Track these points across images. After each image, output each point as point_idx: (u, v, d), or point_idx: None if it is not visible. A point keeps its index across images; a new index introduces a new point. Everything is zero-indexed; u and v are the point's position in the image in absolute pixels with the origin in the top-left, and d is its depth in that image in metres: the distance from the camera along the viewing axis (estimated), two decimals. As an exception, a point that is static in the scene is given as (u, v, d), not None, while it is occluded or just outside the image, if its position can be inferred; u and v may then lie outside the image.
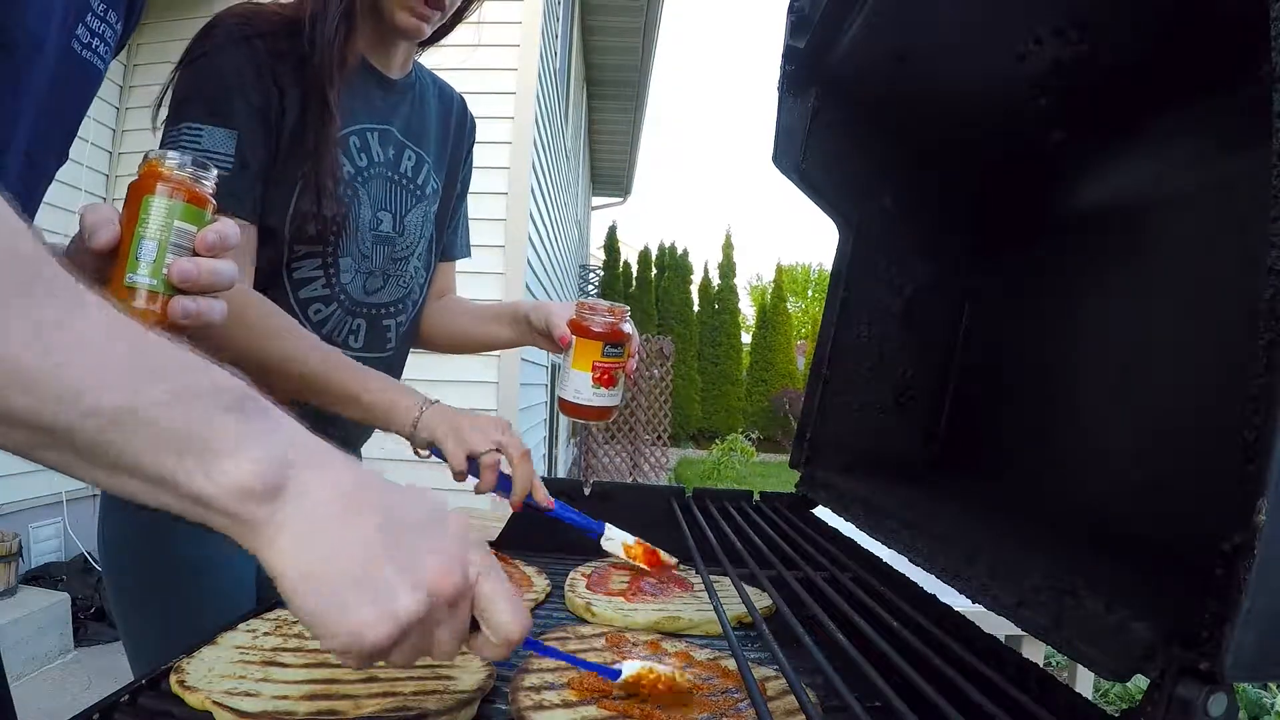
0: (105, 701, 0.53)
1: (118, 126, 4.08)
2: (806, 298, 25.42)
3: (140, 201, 0.55)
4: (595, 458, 8.86)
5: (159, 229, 0.55)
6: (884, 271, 1.08)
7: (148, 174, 0.56)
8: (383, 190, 1.00)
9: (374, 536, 0.41)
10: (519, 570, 0.94)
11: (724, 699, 0.61)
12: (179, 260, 0.55)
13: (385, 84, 1.00)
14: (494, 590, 0.45)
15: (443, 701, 0.55)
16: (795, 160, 1.03)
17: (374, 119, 0.99)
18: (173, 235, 0.55)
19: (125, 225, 0.55)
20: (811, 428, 1.10)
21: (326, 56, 0.88)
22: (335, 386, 0.88)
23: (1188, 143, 0.72)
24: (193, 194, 0.56)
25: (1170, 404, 0.69)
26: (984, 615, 0.62)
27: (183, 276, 0.56)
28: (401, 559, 0.41)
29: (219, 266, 0.57)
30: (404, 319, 1.08)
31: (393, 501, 0.43)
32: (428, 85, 1.09)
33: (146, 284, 0.55)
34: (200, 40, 0.88)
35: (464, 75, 4.62)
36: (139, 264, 0.54)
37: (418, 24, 0.93)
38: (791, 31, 0.97)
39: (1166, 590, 0.47)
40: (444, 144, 1.11)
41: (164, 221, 0.55)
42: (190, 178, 0.56)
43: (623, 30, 7.29)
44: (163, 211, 0.55)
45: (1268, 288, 0.37)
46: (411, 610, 0.41)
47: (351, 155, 0.96)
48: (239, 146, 0.85)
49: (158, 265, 0.55)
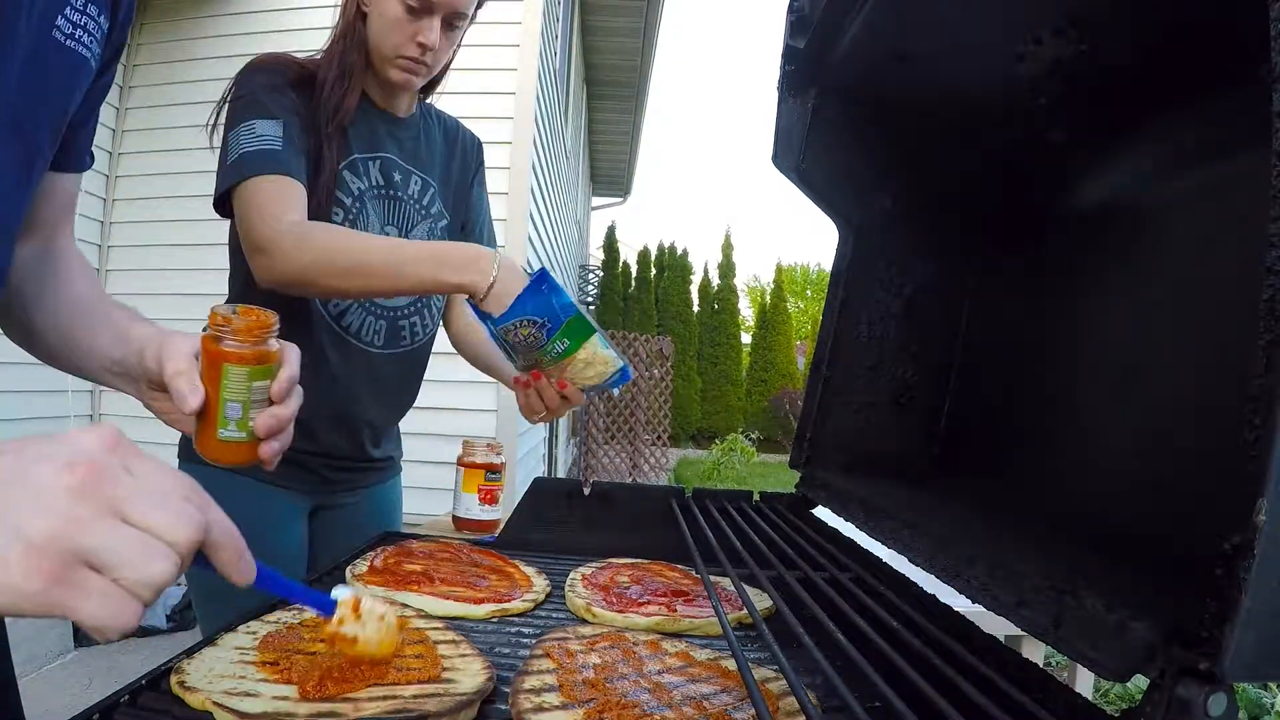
0: (105, 701, 0.53)
1: (117, 126, 4.09)
2: (806, 298, 25.42)
3: (220, 369, 0.64)
4: (595, 458, 8.85)
5: (239, 392, 0.64)
6: (884, 271, 1.08)
7: (215, 350, 0.64)
8: (391, 208, 1.18)
9: None
10: (519, 570, 0.94)
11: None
12: (262, 416, 0.66)
13: (392, 122, 1.20)
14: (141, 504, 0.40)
15: (443, 703, 0.55)
16: (795, 160, 1.03)
17: (376, 149, 1.17)
18: (252, 395, 0.65)
19: (208, 383, 0.64)
20: (811, 428, 1.10)
21: (326, 108, 1.10)
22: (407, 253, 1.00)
23: (1188, 143, 0.72)
24: (260, 356, 0.65)
25: (1170, 404, 0.69)
26: (984, 615, 0.62)
27: (268, 430, 0.66)
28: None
29: (293, 408, 0.68)
30: (417, 320, 1.23)
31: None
32: (432, 121, 1.29)
33: (238, 437, 0.66)
34: (242, 74, 1.09)
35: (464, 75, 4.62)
36: (229, 422, 0.65)
37: (407, 78, 1.13)
38: (791, 31, 0.97)
39: (1166, 590, 0.47)
40: (449, 169, 1.29)
41: (243, 385, 0.64)
42: (255, 347, 0.65)
43: (623, 30, 7.29)
44: (242, 377, 0.64)
45: (1267, 288, 0.37)
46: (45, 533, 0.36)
47: (358, 174, 1.14)
48: (285, 129, 1.04)
49: (244, 420, 0.65)
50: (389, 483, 1.32)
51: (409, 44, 1.10)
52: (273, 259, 0.98)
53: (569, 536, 1.09)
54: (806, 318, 20.42)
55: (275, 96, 1.06)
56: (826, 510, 1.04)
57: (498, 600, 0.82)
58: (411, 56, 1.11)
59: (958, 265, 1.07)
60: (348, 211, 1.12)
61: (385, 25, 1.09)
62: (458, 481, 1.39)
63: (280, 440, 0.67)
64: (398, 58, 1.11)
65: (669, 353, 9.50)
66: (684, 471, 10.16)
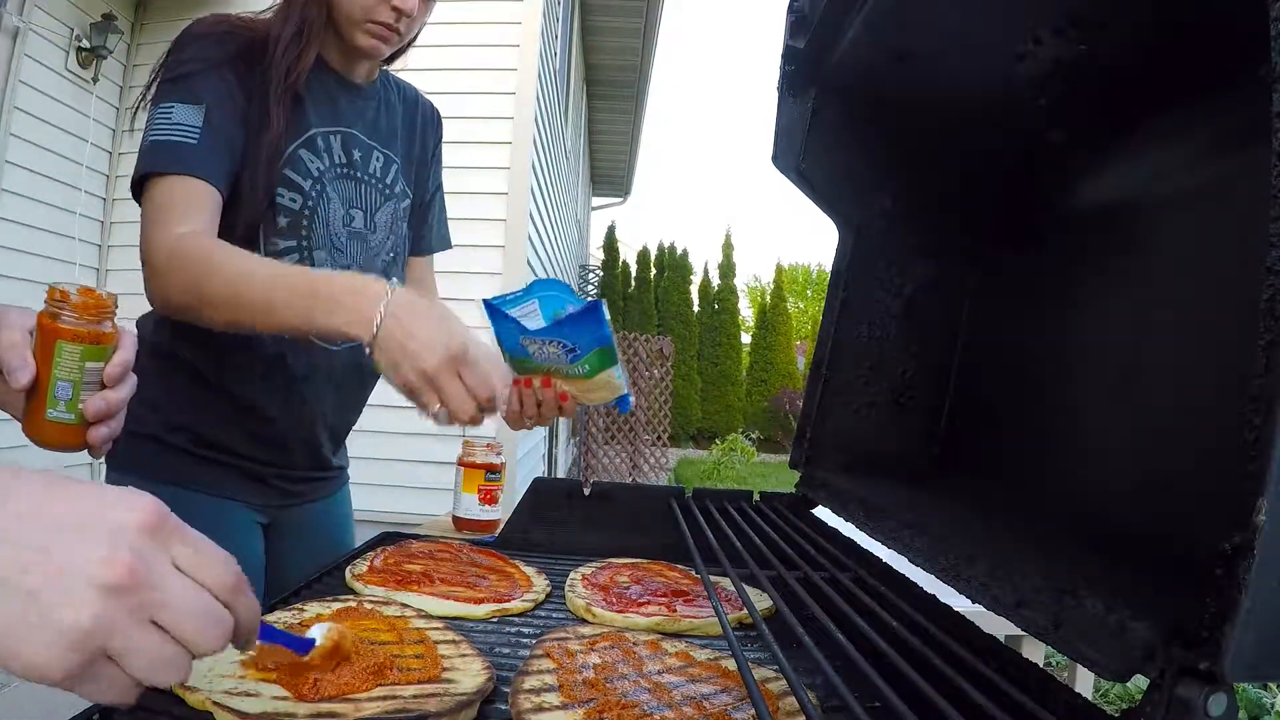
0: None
1: (117, 127, 4.08)
2: (806, 298, 25.42)
3: (53, 346, 0.63)
4: (595, 458, 8.86)
5: (71, 371, 0.63)
6: (884, 271, 1.08)
7: (51, 325, 0.63)
8: (352, 189, 1.07)
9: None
10: (519, 570, 0.94)
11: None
12: (92, 399, 0.65)
13: (350, 88, 1.08)
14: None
15: (443, 704, 0.55)
16: (795, 160, 1.03)
17: (338, 122, 1.06)
18: (84, 375, 0.64)
19: (40, 361, 0.63)
20: (811, 428, 1.10)
21: (275, 71, 0.97)
22: (282, 289, 0.83)
23: (1188, 143, 0.72)
24: (96, 336, 0.64)
25: (1170, 404, 0.69)
26: (984, 615, 0.62)
27: (97, 414, 0.65)
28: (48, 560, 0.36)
29: (125, 395, 0.67)
30: None
31: None
32: (392, 89, 1.16)
33: (66, 418, 0.64)
34: (176, 43, 0.97)
35: (464, 75, 4.60)
36: (58, 402, 0.64)
37: (376, 44, 1.01)
38: (791, 31, 0.97)
39: (1166, 590, 0.47)
40: (411, 144, 1.18)
41: (76, 364, 0.63)
42: (91, 326, 0.64)
43: (623, 30, 7.29)
44: (74, 356, 0.63)
45: (1267, 288, 0.37)
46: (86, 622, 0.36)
47: (318, 153, 1.03)
48: (205, 117, 0.92)
49: (74, 402, 0.64)
50: (341, 492, 1.26)
51: (382, 7, 0.98)
52: (154, 276, 0.88)
53: (569, 536, 1.09)
54: (806, 318, 20.42)
55: (207, 75, 0.93)
56: (826, 510, 1.04)
57: (498, 600, 0.82)
58: (384, 22, 0.99)
59: (958, 265, 1.07)
60: (306, 197, 1.01)
61: None
62: (458, 481, 1.39)
63: (109, 427, 0.66)
64: (368, 21, 0.99)
65: (669, 353, 9.50)
66: (684, 471, 10.17)
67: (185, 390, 1.03)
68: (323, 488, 1.21)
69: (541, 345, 0.87)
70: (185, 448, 1.03)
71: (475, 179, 3.80)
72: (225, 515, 1.06)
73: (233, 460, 1.06)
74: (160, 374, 1.01)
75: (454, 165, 1.49)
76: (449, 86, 3.51)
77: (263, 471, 1.09)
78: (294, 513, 1.16)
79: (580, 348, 0.86)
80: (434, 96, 1.28)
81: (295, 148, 1.01)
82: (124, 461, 1.01)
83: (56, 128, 3.64)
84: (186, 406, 1.03)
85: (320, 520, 1.21)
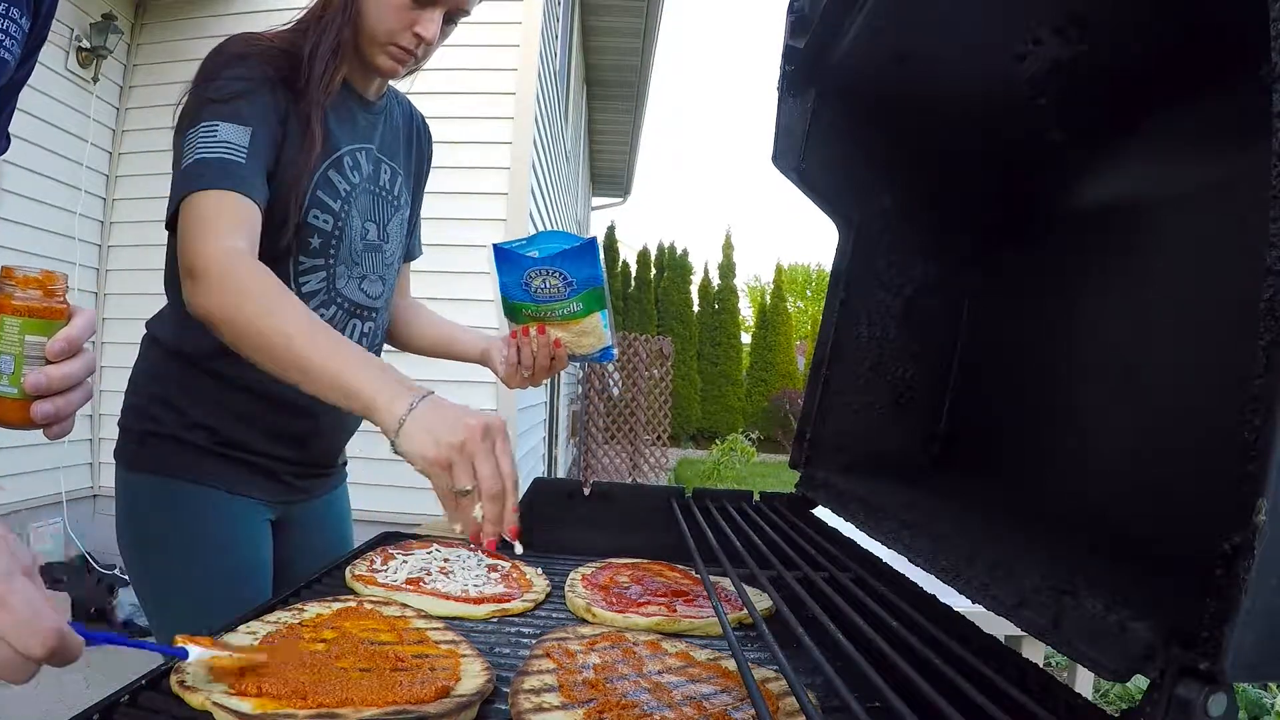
0: (105, 701, 0.53)
1: (117, 127, 4.08)
2: (806, 298, 25.42)
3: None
4: (595, 458, 8.85)
5: (12, 344, 0.62)
6: (884, 271, 1.08)
7: (2, 296, 0.62)
8: (369, 203, 1.11)
9: None
10: (519, 570, 0.94)
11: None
12: (31, 373, 0.63)
13: (365, 105, 1.12)
14: None
15: (443, 704, 0.55)
16: (795, 160, 1.03)
17: (360, 139, 1.10)
18: (26, 349, 0.63)
19: None
20: (811, 428, 1.10)
21: (316, 89, 0.99)
22: (315, 361, 0.80)
23: (1188, 143, 0.72)
24: (43, 310, 0.63)
25: (1170, 404, 0.69)
26: (984, 615, 0.62)
27: (35, 389, 0.63)
28: None
29: (69, 371, 0.64)
30: (378, 320, 1.17)
31: None
32: (393, 104, 1.20)
33: (8, 392, 0.63)
34: (213, 58, 0.98)
35: (464, 75, 4.59)
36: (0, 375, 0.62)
37: (395, 66, 1.05)
38: (791, 32, 0.97)
39: (1166, 590, 0.47)
40: (409, 155, 1.23)
41: (16, 337, 0.62)
42: (33, 300, 0.62)
43: (623, 30, 7.28)
44: (15, 328, 0.62)
45: (1267, 288, 0.37)
46: None
47: (345, 173, 1.06)
48: (253, 141, 0.93)
49: (15, 375, 0.63)
50: (341, 488, 1.29)
51: (405, 33, 1.02)
52: (197, 284, 0.85)
53: (569, 536, 1.09)
54: (806, 318, 20.41)
55: (252, 98, 0.95)
56: (826, 510, 1.05)
57: (498, 600, 0.82)
58: (405, 46, 1.03)
59: (957, 265, 1.07)
60: (336, 217, 1.04)
61: (384, 7, 1.01)
62: None
63: (54, 404, 0.64)
64: (390, 44, 1.03)
65: (669, 353, 9.50)
66: (684, 471, 10.16)
67: (209, 391, 1.04)
68: (327, 484, 1.24)
69: (545, 276, 0.98)
70: (204, 445, 1.05)
71: (475, 179, 3.79)
72: (238, 511, 1.08)
73: (250, 457, 1.08)
74: (182, 375, 1.04)
75: (454, 165, 1.48)
76: (449, 87, 3.51)
77: (278, 468, 1.12)
78: (300, 508, 1.19)
79: (577, 283, 0.98)
80: (434, 96, 1.29)
81: (326, 167, 1.03)
82: (141, 462, 1.05)
83: (56, 128, 3.64)
84: (209, 407, 1.04)
85: (323, 515, 1.24)
